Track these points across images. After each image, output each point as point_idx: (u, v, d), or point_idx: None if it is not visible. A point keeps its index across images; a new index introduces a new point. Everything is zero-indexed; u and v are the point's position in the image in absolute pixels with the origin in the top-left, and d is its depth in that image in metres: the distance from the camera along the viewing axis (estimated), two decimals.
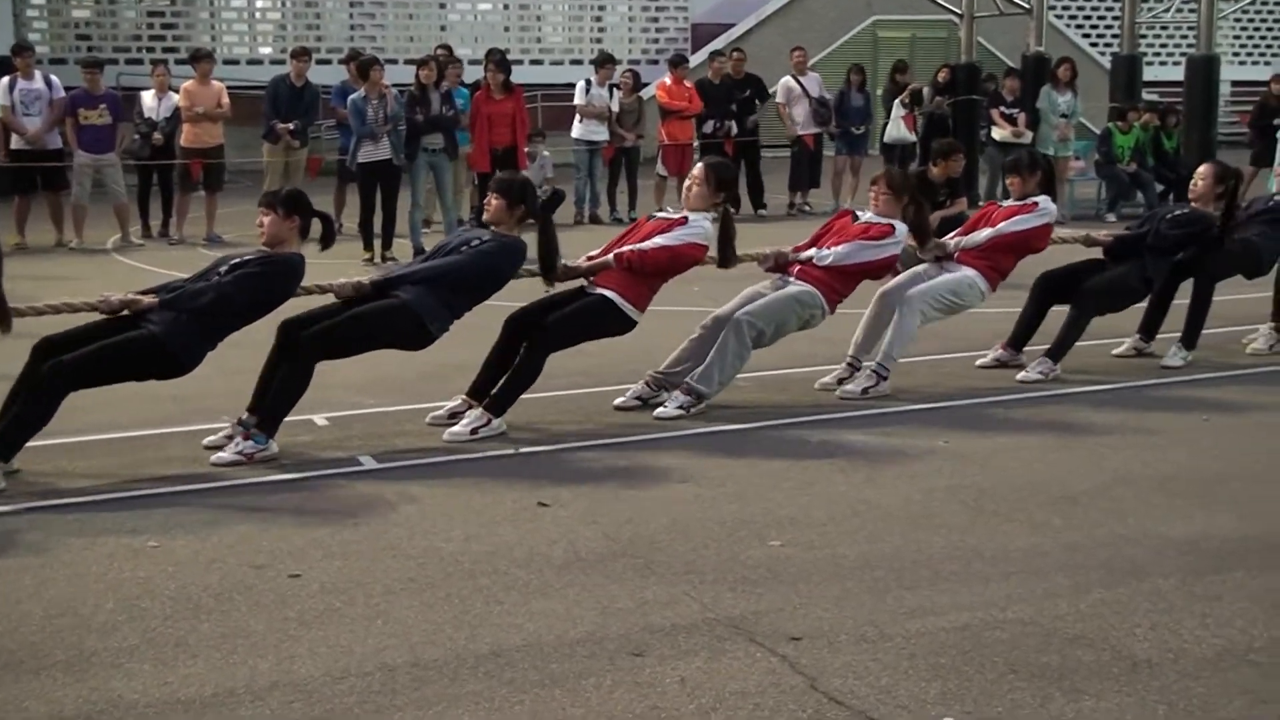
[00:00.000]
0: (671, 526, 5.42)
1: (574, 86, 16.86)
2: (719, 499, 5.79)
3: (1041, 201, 8.12)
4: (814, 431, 6.92)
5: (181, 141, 14.75)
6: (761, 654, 4.22)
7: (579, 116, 16.41)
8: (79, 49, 22.92)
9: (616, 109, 16.46)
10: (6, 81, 14.21)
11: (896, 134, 17.51)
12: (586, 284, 7.22)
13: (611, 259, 7.15)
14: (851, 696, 3.93)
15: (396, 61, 22.60)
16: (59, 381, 5.98)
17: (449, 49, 16.50)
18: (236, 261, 6.45)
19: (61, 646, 4.31)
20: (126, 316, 6.30)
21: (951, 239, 8.14)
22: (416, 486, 5.97)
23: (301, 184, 12.09)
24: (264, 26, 26.46)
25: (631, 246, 7.15)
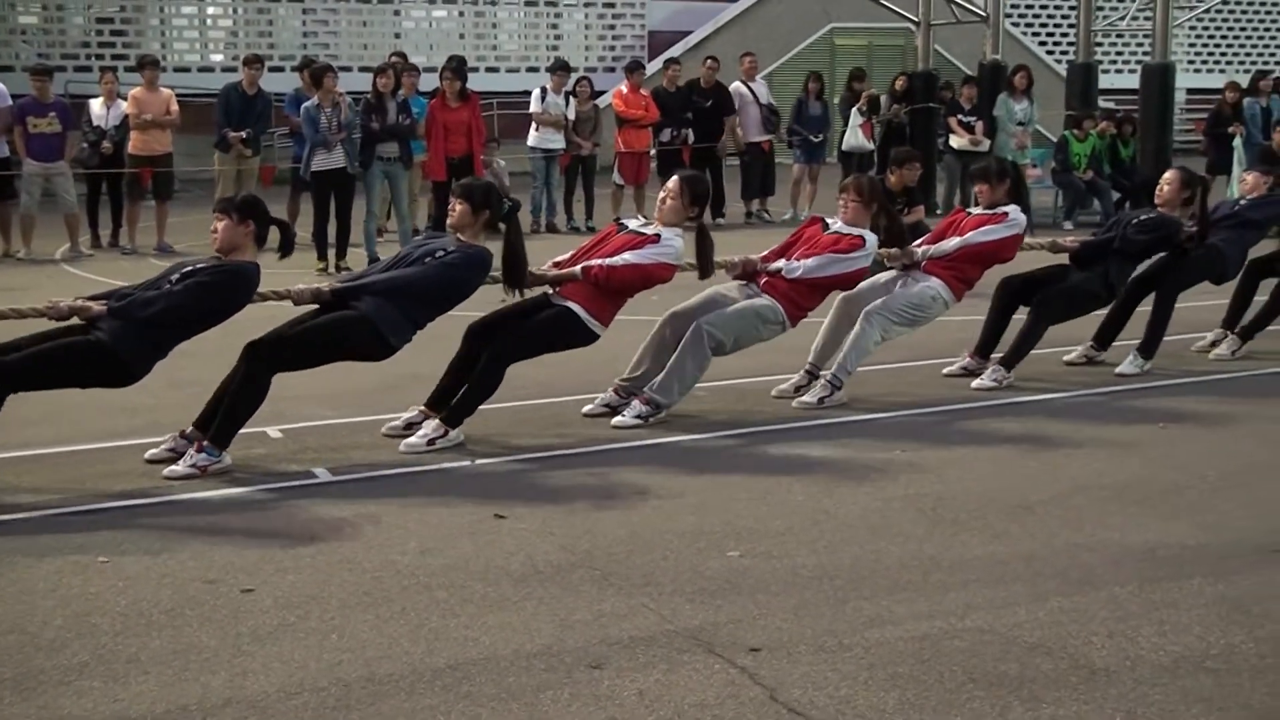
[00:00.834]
0: (630, 538, 5.39)
1: (530, 94, 16.83)
2: (677, 510, 5.76)
3: (1011, 211, 8.10)
4: (772, 442, 6.91)
5: (129, 149, 14.60)
6: (720, 665, 4.20)
7: (535, 125, 16.38)
8: (25, 56, 22.70)
9: (573, 117, 16.44)
10: None
11: (854, 142, 17.57)
12: (551, 294, 7.17)
13: (579, 271, 7.09)
14: (811, 707, 3.91)
15: (350, 69, 22.50)
16: (2, 384, 5.86)
17: (404, 56, 16.44)
18: (189, 269, 6.34)
19: (9, 664, 4.23)
20: (75, 324, 6.20)
21: (919, 247, 8.12)
22: (372, 499, 5.91)
23: (255, 192, 11.99)
24: (215, 33, 26.26)
25: (601, 262, 7.07)
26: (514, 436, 6.95)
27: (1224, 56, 31.54)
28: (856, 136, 17.54)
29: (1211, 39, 31.59)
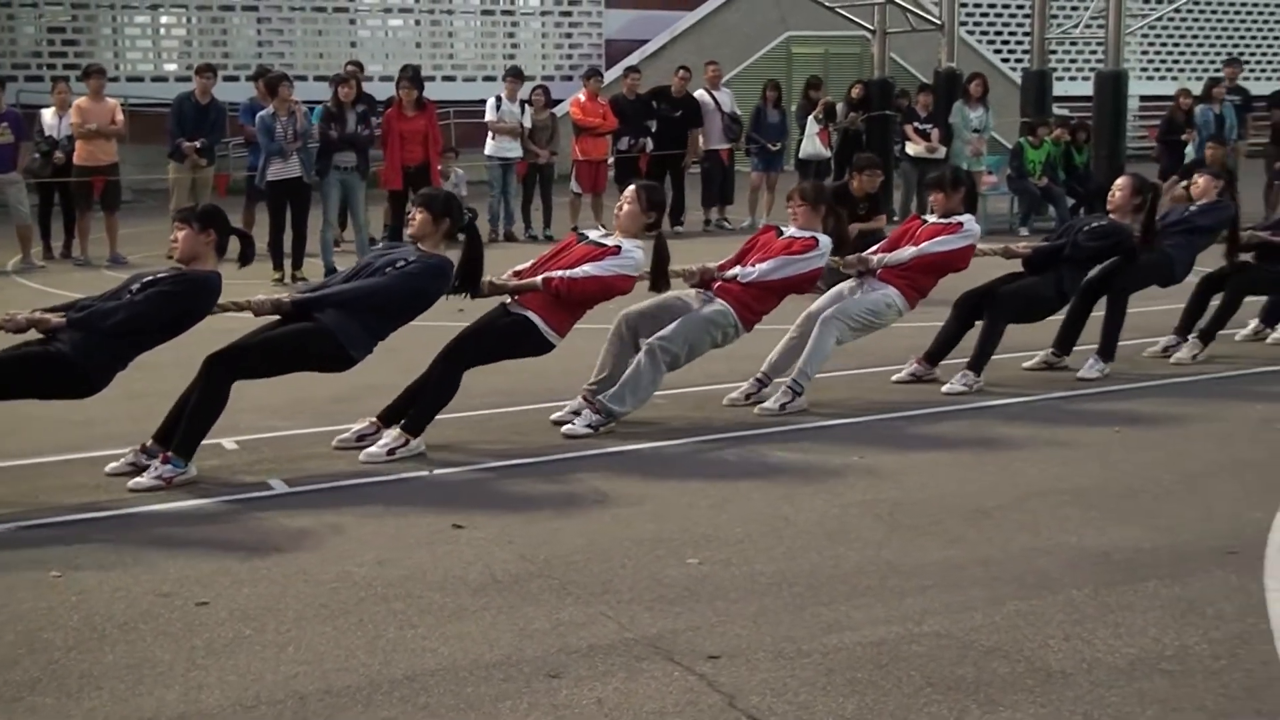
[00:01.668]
0: (588, 547, 5.37)
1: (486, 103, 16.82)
2: (635, 518, 5.75)
3: (966, 221, 8.17)
4: (730, 448, 6.91)
5: (74, 159, 14.42)
6: (679, 673, 4.19)
7: (491, 133, 16.35)
8: None
9: (529, 125, 16.42)
10: None
11: (811, 149, 17.64)
12: (510, 302, 7.16)
13: (539, 282, 7.08)
14: (770, 714, 3.91)
15: (306, 78, 22.41)
16: None
17: (360, 65, 16.38)
18: (149, 279, 6.30)
19: None
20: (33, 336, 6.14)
21: (874, 255, 8.17)
22: (328, 510, 5.87)
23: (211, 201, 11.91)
24: (169, 43, 26.11)
25: (561, 273, 7.06)
26: (471, 445, 6.92)
27: (1176, 64, 31.90)
28: (814, 144, 17.62)
29: (1164, 46, 31.93)
